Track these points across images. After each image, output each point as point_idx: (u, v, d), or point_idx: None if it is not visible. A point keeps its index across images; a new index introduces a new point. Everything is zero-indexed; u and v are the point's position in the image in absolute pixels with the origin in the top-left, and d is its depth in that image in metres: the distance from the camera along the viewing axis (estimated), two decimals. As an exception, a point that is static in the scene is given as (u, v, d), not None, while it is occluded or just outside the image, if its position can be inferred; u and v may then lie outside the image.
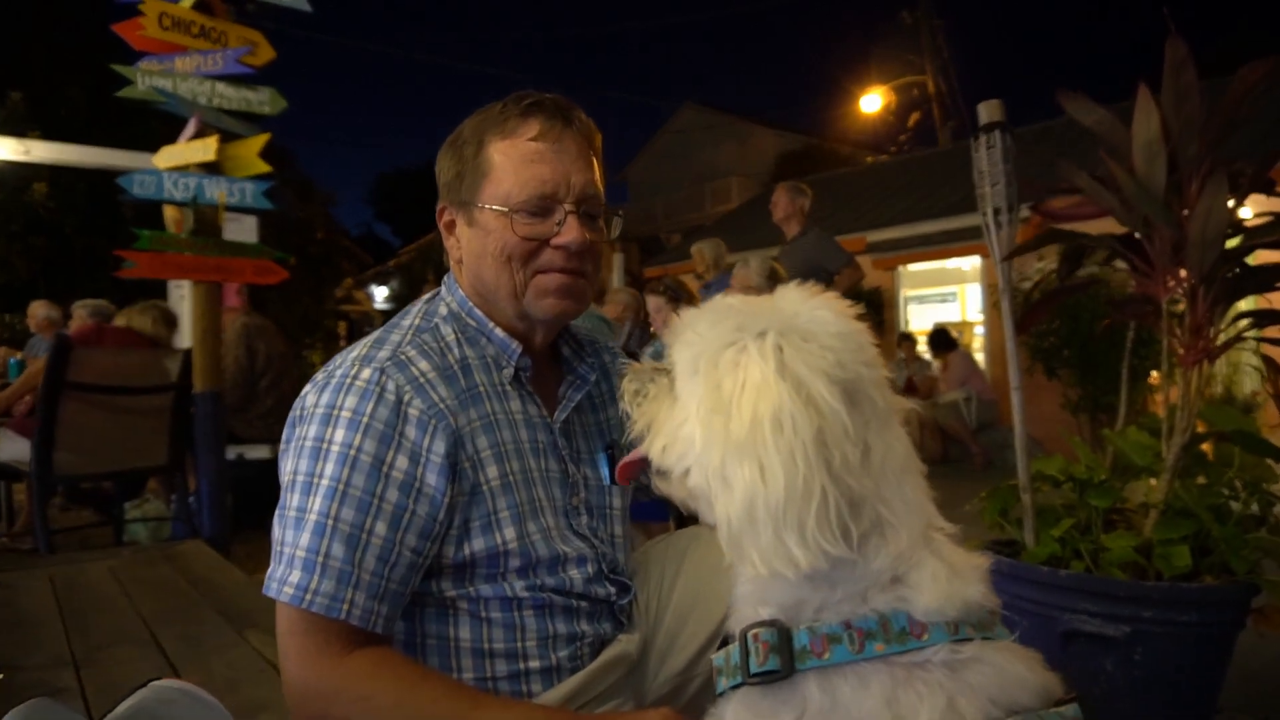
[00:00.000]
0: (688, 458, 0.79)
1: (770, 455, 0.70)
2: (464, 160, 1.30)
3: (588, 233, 1.28)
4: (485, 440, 1.23)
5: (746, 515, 0.71)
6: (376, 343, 1.25)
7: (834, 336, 0.78)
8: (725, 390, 0.75)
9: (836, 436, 0.72)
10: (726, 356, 0.77)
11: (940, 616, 0.75)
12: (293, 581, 1.09)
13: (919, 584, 0.75)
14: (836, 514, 0.71)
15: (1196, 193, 2.03)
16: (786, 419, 0.71)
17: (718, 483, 0.73)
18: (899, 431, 0.79)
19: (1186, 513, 2.06)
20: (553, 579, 1.25)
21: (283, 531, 1.13)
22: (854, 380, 0.76)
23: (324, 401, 1.17)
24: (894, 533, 0.75)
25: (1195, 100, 2.00)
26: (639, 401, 0.88)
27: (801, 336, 0.77)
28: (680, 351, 0.83)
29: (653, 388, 0.87)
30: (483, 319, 1.32)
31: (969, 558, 0.77)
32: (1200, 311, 2.05)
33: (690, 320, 0.84)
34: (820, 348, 0.76)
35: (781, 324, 0.78)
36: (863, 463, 0.74)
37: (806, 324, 0.78)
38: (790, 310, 0.81)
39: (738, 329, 0.78)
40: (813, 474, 0.70)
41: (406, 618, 1.22)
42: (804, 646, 0.76)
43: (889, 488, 0.76)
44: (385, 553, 1.12)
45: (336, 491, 1.11)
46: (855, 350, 0.78)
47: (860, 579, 0.76)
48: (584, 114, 1.32)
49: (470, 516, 1.20)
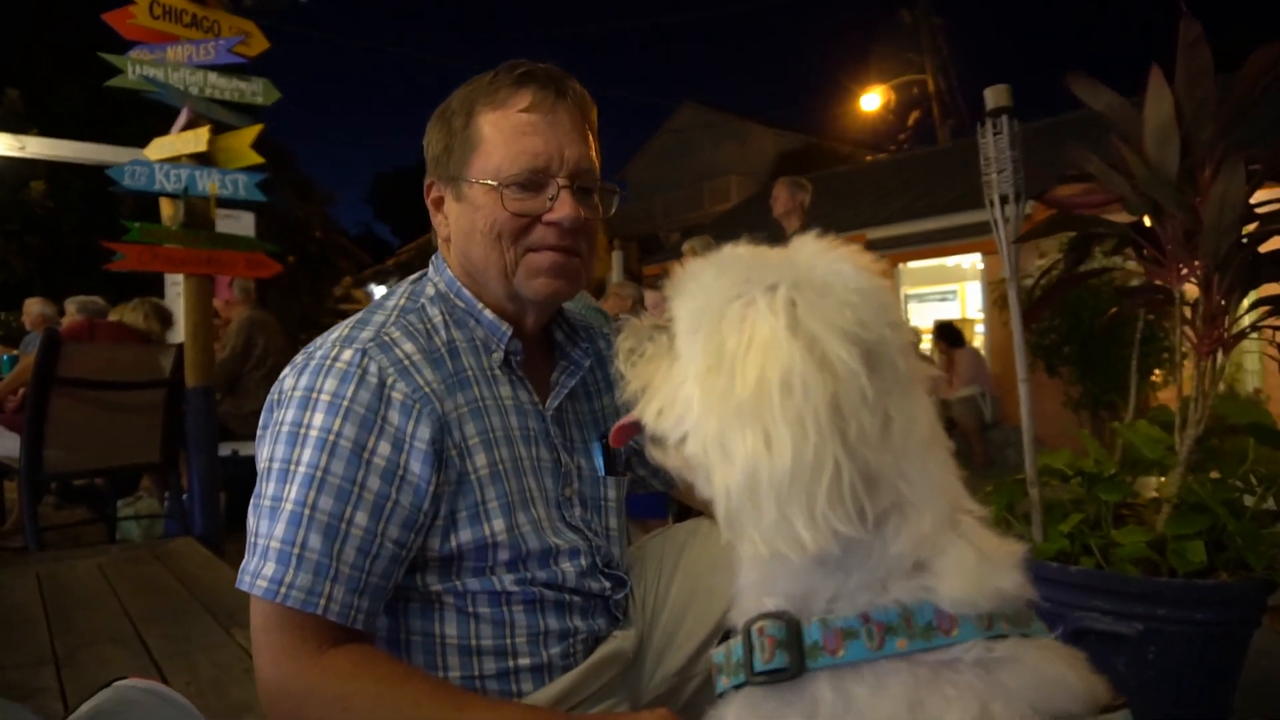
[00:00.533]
0: (685, 423, 0.71)
1: (777, 421, 0.62)
2: (452, 132, 1.24)
3: (582, 209, 1.22)
4: (473, 427, 1.17)
5: (747, 489, 0.63)
6: (359, 323, 1.19)
7: (855, 292, 0.69)
8: (729, 348, 0.67)
9: (854, 403, 0.64)
10: (732, 311, 0.69)
11: (971, 609, 0.67)
12: (266, 574, 1.03)
13: (945, 571, 0.66)
14: (850, 490, 0.63)
15: (1210, 178, 1.98)
16: (797, 381, 0.63)
17: (716, 452, 0.66)
18: (924, 401, 0.71)
19: (1200, 507, 2.00)
20: (544, 572, 1.19)
21: (257, 522, 1.07)
22: (876, 342, 0.68)
23: (302, 384, 1.11)
24: (916, 513, 0.67)
25: (1210, 82, 1.94)
26: (634, 361, 0.80)
27: (818, 291, 0.68)
28: (681, 305, 0.75)
29: (650, 346, 0.79)
30: (471, 300, 1.26)
31: (1001, 543, 0.69)
32: (1215, 300, 2.00)
33: (694, 271, 0.75)
34: (839, 303, 0.67)
35: (796, 276, 0.70)
36: (882, 434, 0.66)
37: (824, 277, 0.70)
38: (806, 262, 0.72)
39: (746, 281, 0.70)
40: (825, 444, 0.62)
41: (389, 613, 1.16)
42: (815, 642, 0.68)
43: (911, 463, 0.67)
44: (366, 544, 1.06)
45: (314, 479, 1.05)
46: (878, 309, 0.69)
47: (878, 565, 0.68)
48: (579, 85, 1.26)
49: (457, 507, 1.14)
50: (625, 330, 0.85)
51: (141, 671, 2.04)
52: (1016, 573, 0.69)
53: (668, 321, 0.78)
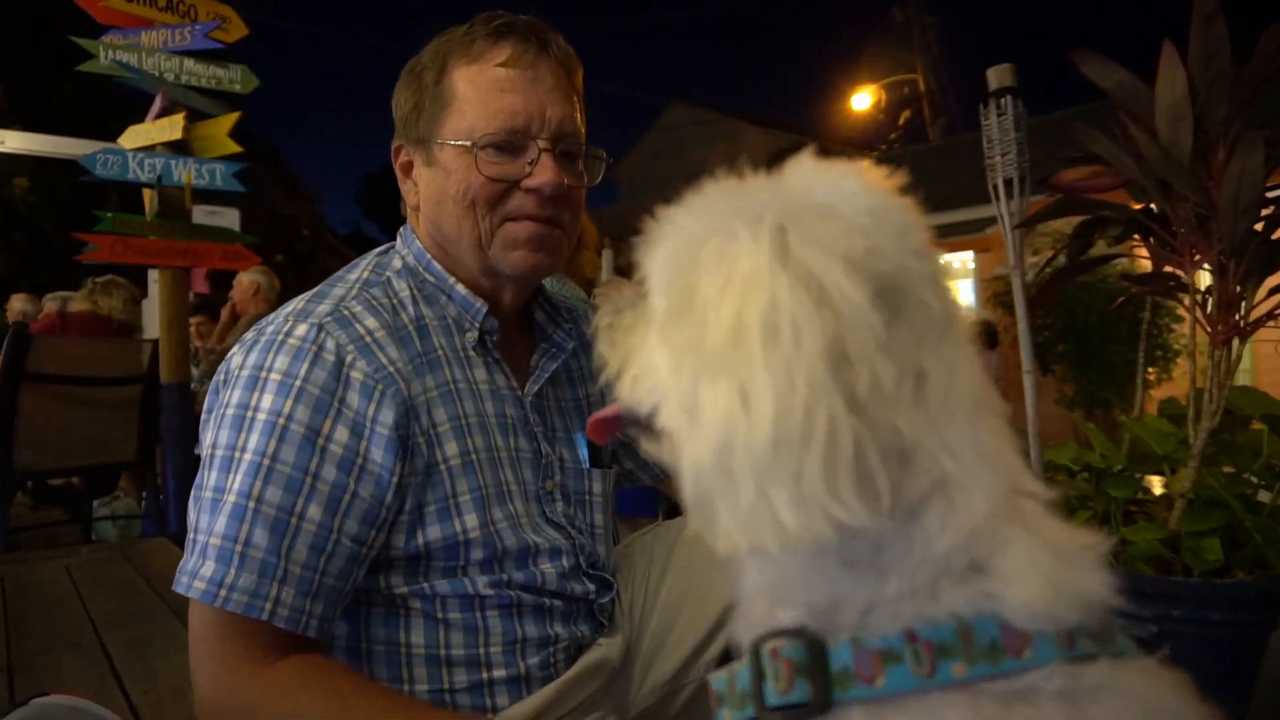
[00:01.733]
0: (656, 390, 0.58)
1: (756, 373, 0.49)
2: (423, 89, 1.13)
3: (565, 175, 1.11)
4: (443, 412, 1.06)
5: (719, 461, 0.50)
6: (316, 296, 1.08)
7: (865, 213, 0.55)
8: (701, 292, 0.54)
9: (862, 349, 0.50)
10: (709, 249, 0.56)
11: (1048, 622, 0.52)
12: (205, 575, 0.92)
13: (1011, 573, 0.52)
14: (857, 462, 0.49)
15: (1225, 158, 1.89)
16: (784, 321, 0.49)
17: (683, 417, 0.53)
18: (967, 350, 0.56)
19: (1216, 503, 1.91)
20: (522, 574, 1.08)
21: (197, 516, 0.96)
22: (896, 274, 0.53)
23: (250, 362, 1.00)
24: (965, 496, 0.52)
25: (1226, 58, 1.84)
26: (614, 336, 0.66)
27: (817, 215, 0.54)
28: (654, 254, 0.61)
29: (630, 316, 0.65)
30: (442, 274, 1.15)
31: (1075, 533, 0.55)
32: (1230, 286, 1.90)
33: (670, 213, 0.62)
34: (844, 228, 0.53)
35: (789, 202, 0.56)
36: (915, 394, 0.52)
37: (824, 199, 0.56)
38: (802, 185, 0.58)
39: (727, 215, 0.57)
40: (818, 400, 0.48)
41: (349, 619, 1.05)
42: (846, 667, 0.53)
43: (955, 430, 0.53)
44: (320, 541, 0.95)
45: (260, 468, 0.94)
46: (898, 233, 0.55)
47: (923, 565, 0.53)
48: (563, 40, 1.15)
49: (425, 500, 1.03)
50: (603, 302, 0.71)
51: (97, 679, 1.93)
52: (1100, 573, 0.54)
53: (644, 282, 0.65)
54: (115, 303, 4.62)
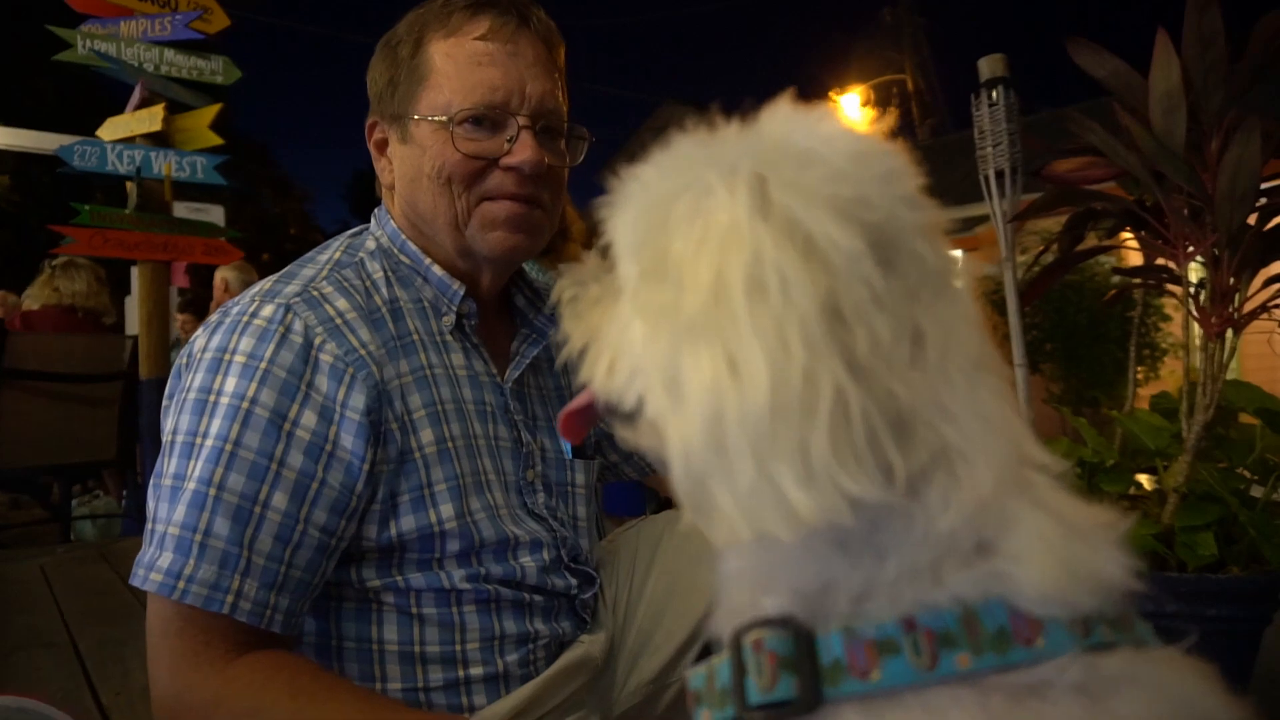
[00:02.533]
0: (632, 366, 0.52)
1: (743, 335, 0.44)
2: (398, 63, 1.09)
3: (546, 154, 1.07)
4: (419, 398, 1.01)
5: (709, 437, 0.44)
6: (284, 277, 1.03)
7: (850, 158, 0.49)
8: (675, 252, 0.48)
9: (859, 305, 0.45)
10: (680, 207, 0.50)
11: (1061, 608, 0.47)
12: (162, 566, 0.87)
13: (1020, 553, 0.47)
14: (866, 429, 0.44)
15: (1219, 148, 1.86)
16: (771, 275, 0.44)
17: (665, 394, 0.47)
18: (966, 306, 0.51)
19: (1210, 497, 1.88)
20: (500, 567, 1.04)
21: (156, 504, 0.91)
22: (885, 224, 0.48)
23: (214, 345, 0.95)
24: (969, 468, 0.47)
25: (1221, 46, 1.82)
26: (577, 311, 0.59)
27: (797, 162, 0.49)
28: (619, 216, 0.55)
29: (595, 289, 0.59)
30: (418, 255, 1.10)
31: (1088, 509, 0.50)
32: (1225, 278, 1.88)
33: (635, 171, 0.55)
34: (828, 174, 0.48)
35: (765, 151, 0.50)
36: (912, 356, 0.47)
37: (805, 145, 0.50)
38: (779, 132, 0.52)
39: (699, 167, 0.51)
40: (819, 362, 0.43)
41: (318, 614, 1.00)
42: (837, 659, 0.48)
43: (956, 395, 0.48)
44: (285, 531, 0.91)
45: (222, 453, 0.89)
46: (885, 178, 0.50)
47: (924, 545, 0.47)
48: (545, 14, 1.11)
49: (398, 489, 0.98)
50: (565, 275, 0.64)
51: (67, 679, 1.87)
52: (1118, 553, 0.49)
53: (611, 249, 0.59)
54: (78, 286, 4.31)
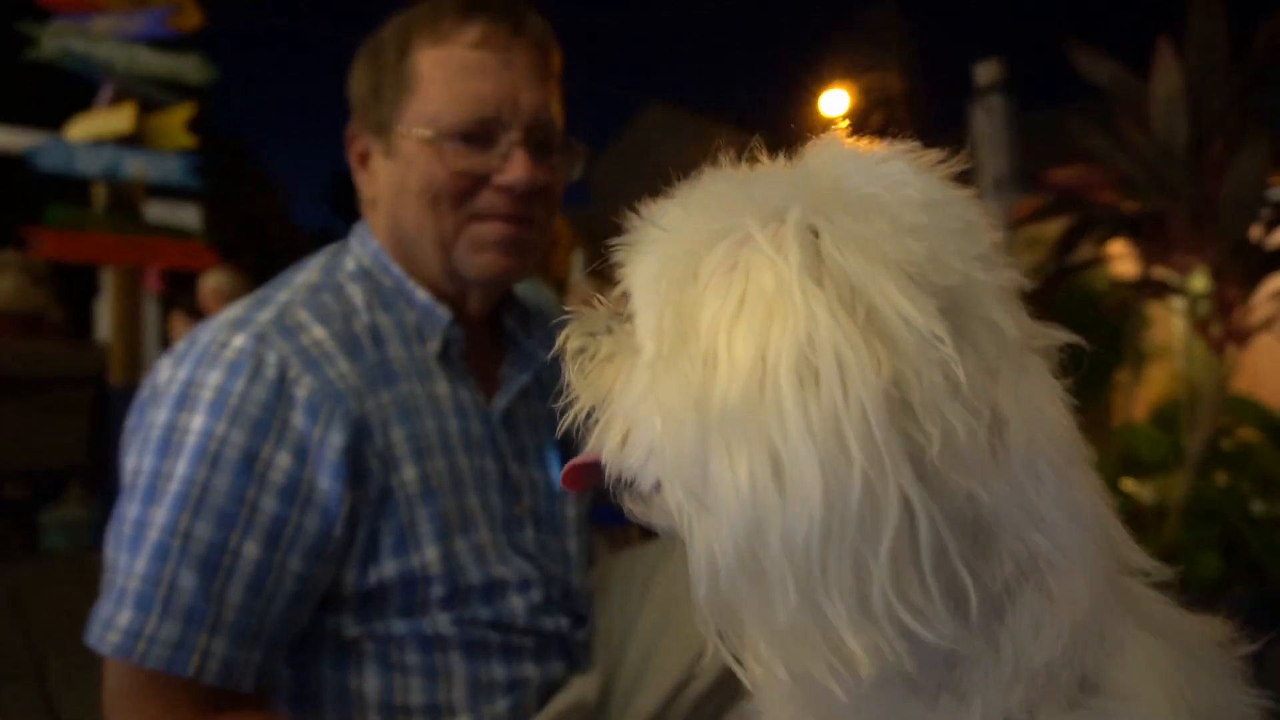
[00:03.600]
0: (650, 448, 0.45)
1: (791, 435, 0.36)
2: (382, 70, 1.02)
3: (540, 170, 1.00)
4: (401, 431, 0.94)
5: (743, 557, 0.37)
6: (257, 302, 0.96)
7: (920, 208, 0.42)
8: (705, 317, 0.41)
9: (932, 394, 0.38)
10: (713, 258, 0.42)
11: None
12: (120, 626, 0.80)
13: (1133, 689, 0.40)
14: (935, 549, 0.37)
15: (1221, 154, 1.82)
16: (826, 361, 0.37)
17: (689, 493, 0.40)
18: (1048, 384, 0.44)
19: (1212, 514, 1.85)
20: (488, 610, 0.97)
21: (116, 552, 0.84)
22: (961, 289, 0.41)
23: (180, 377, 0.88)
24: (1063, 583, 0.40)
25: (1224, 49, 1.78)
26: (586, 366, 0.52)
27: (855, 210, 0.41)
28: (639, 264, 0.48)
29: (607, 343, 0.52)
30: (401, 277, 1.04)
31: (1196, 623, 0.45)
32: (1229, 289, 1.84)
33: (658, 211, 0.48)
34: (893, 228, 0.40)
35: (817, 192, 0.42)
36: (992, 449, 0.39)
37: (864, 188, 0.43)
38: (832, 171, 0.45)
39: (735, 211, 0.43)
40: (884, 472, 0.36)
41: (293, 663, 0.93)
42: None
43: (1044, 494, 0.40)
44: (257, 580, 0.84)
45: (188, 498, 0.82)
46: (961, 234, 0.43)
47: (1016, 683, 0.39)
48: (539, 19, 1.04)
49: (379, 530, 0.92)
50: (574, 324, 0.57)
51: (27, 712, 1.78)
52: (1242, 685, 0.44)
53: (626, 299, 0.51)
54: (4, 285, 3.79)
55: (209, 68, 3.86)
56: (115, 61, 3.66)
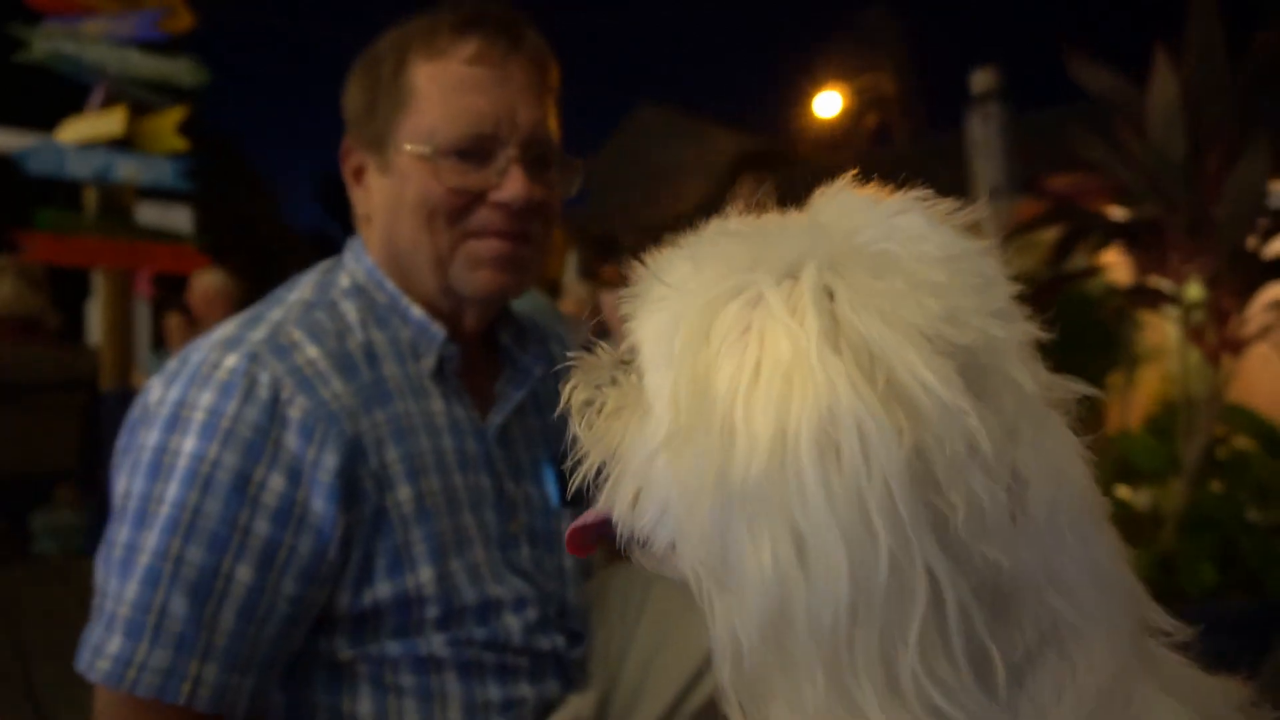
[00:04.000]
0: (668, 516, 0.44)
1: (815, 512, 0.35)
2: (378, 84, 1.01)
3: (536, 187, 0.99)
4: (395, 450, 0.93)
5: (769, 635, 0.36)
6: (250, 321, 0.95)
7: (937, 264, 0.41)
8: (718, 385, 0.39)
9: (955, 463, 0.37)
10: (725, 318, 0.41)
11: None
12: (110, 653, 0.79)
13: None
14: (963, 624, 0.36)
15: (1219, 164, 1.82)
16: (848, 435, 0.36)
17: (714, 568, 0.39)
18: (1068, 440, 0.43)
19: (1210, 523, 1.85)
20: (483, 630, 0.96)
21: (106, 576, 0.83)
22: (980, 347, 0.39)
23: (171, 398, 0.87)
24: (1085, 649, 0.39)
25: (1222, 56, 1.78)
26: (590, 420, 0.51)
27: (870, 268, 0.40)
28: (647, 321, 0.46)
29: (614, 395, 0.50)
30: (396, 293, 1.02)
31: (1215, 684, 0.44)
32: (1225, 299, 1.84)
33: (662, 266, 0.46)
34: (910, 286, 0.39)
35: (830, 248, 0.41)
36: (1012, 509, 0.38)
37: (878, 244, 0.42)
38: (843, 224, 0.44)
39: (745, 268, 0.42)
40: (908, 547, 0.35)
41: (287, 687, 0.92)
42: None
43: (1067, 556, 0.40)
44: (250, 605, 0.82)
45: (180, 522, 0.81)
46: (980, 290, 0.42)
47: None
48: (537, 34, 1.03)
49: (374, 551, 0.91)
50: (578, 373, 0.56)
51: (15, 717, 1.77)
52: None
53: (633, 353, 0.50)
54: (2, 290, 3.76)
55: (201, 70, 3.84)
56: (106, 64, 3.63)
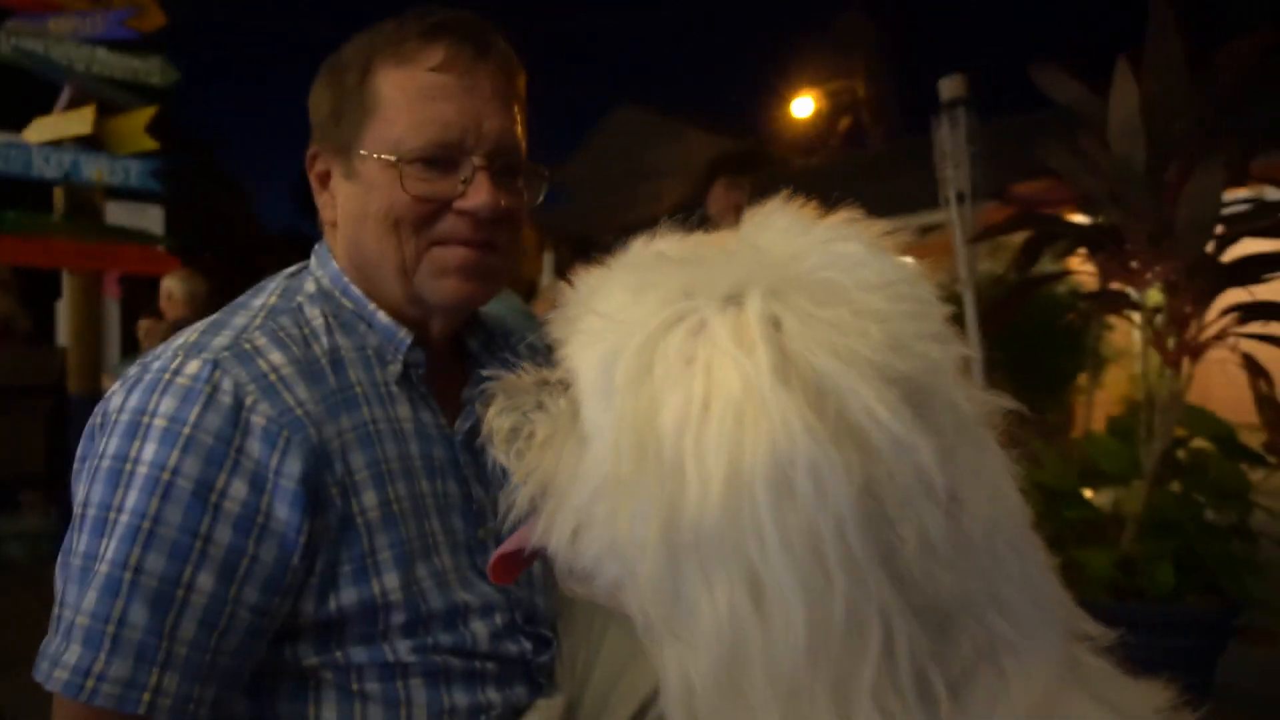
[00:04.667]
0: (614, 556, 0.42)
1: (770, 553, 0.35)
2: (344, 92, 1.01)
3: (503, 196, 1.00)
4: (361, 457, 0.93)
5: (723, 681, 0.36)
6: (213, 326, 0.95)
7: (879, 291, 0.41)
8: (664, 422, 0.38)
9: (906, 495, 0.37)
10: (667, 349, 0.40)
11: None
12: (69, 662, 0.78)
13: None
14: (912, 659, 0.36)
15: (1180, 174, 1.86)
16: (801, 471, 0.35)
17: (664, 614, 0.38)
18: (1001, 461, 0.43)
19: (1169, 525, 1.89)
20: (450, 636, 0.97)
21: (64, 586, 0.82)
22: (920, 374, 0.39)
23: (131, 405, 0.86)
24: (1018, 663, 0.39)
25: (1181, 72, 1.82)
26: (519, 448, 0.51)
27: (814, 295, 0.40)
28: (582, 351, 0.45)
29: (543, 421, 0.50)
30: (362, 299, 1.02)
31: (1138, 691, 0.44)
32: (1184, 305, 1.88)
33: (595, 287, 0.46)
34: (854, 315, 0.39)
35: (773, 274, 0.41)
36: (951, 536, 0.38)
37: (820, 271, 0.42)
38: (785, 249, 0.44)
39: (685, 293, 0.41)
40: (864, 589, 0.35)
41: (251, 696, 0.92)
42: None
43: (1001, 572, 0.40)
44: (212, 614, 0.82)
45: (140, 531, 0.81)
46: (918, 315, 0.42)
47: None
48: (505, 42, 1.04)
49: (339, 559, 0.91)
50: (499, 398, 0.54)
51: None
52: None
53: (564, 378, 0.48)
54: None
55: (172, 69, 3.80)
56: (74, 62, 3.59)
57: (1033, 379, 7.65)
